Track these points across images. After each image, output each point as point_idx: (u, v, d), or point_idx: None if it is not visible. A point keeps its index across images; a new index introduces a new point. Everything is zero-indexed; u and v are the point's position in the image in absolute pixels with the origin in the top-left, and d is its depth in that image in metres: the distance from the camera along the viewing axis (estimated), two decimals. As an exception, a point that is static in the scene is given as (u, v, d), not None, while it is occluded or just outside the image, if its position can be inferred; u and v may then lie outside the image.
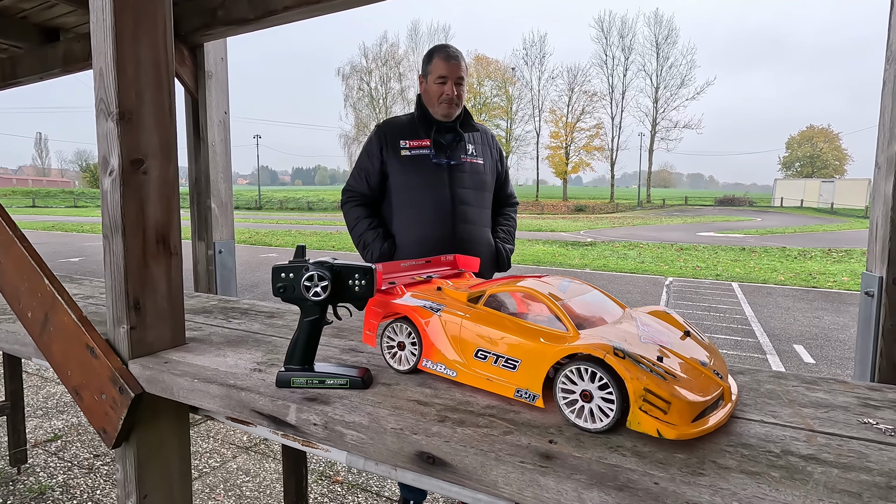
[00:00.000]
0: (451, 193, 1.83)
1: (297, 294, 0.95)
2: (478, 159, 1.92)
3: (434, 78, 1.82)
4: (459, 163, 1.86)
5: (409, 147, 1.85)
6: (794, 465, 0.69)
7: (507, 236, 2.03)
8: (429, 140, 1.84)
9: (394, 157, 1.85)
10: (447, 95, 1.81)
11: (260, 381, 1.01)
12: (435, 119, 1.86)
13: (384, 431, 0.81)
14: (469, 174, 1.87)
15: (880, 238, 1.94)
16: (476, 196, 1.89)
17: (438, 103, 1.83)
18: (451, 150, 1.86)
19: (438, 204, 1.82)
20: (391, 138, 1.87)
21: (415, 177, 1.83)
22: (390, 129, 1.90)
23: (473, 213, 1.88)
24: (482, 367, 0.92)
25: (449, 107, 1.83)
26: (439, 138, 1.86)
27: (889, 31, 1.81)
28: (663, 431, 0.72)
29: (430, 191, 1.83)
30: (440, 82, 1.81)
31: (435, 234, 1.81)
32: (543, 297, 0.92)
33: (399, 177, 1.85)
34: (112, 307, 1.14)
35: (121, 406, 1.10)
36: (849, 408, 0.88)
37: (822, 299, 7.35)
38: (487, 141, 2.00)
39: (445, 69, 1.80)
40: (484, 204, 1.93)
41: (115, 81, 1.06)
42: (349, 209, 1.93)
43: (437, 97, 1.83)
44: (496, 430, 0.80)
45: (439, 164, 1.83)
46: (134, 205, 1.12)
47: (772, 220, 27.00)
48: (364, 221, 1.88)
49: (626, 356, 0.75)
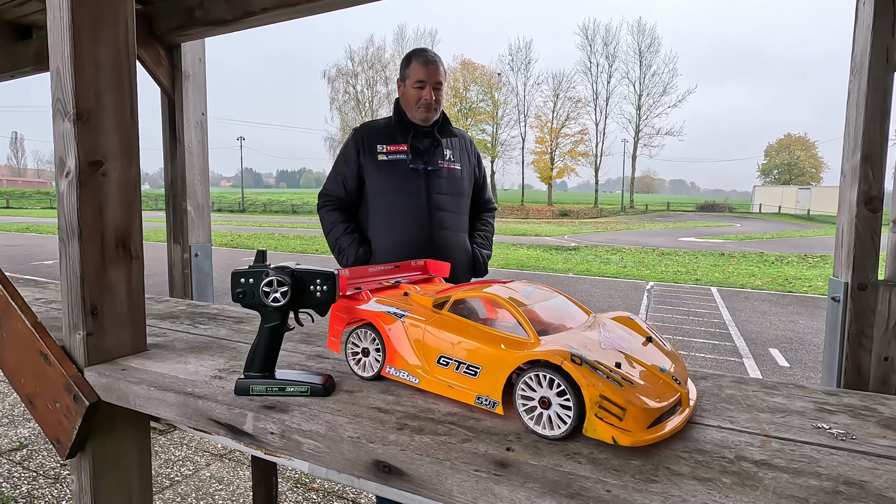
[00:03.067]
0: (428, 199, 1.82)
1: (257, 300, 0.94)
2: (455, 165, 1.91)
3: (412, 82, 1.81)
4: (437, 168, 1.85)
5: (386, 152, 1.83)
6: (746, 470, 0.70)
7: (484, 242, 2.03)
8: (406, 145, 1.83)
9: (371, 162, 1.83)
10: (425, 100, 1.79)
11: (219, 388, 0.99)
12: (413, 123, 1.85)
13: (341, 440, 0.80)
14: (446, 180, 1.87)
15: (846, 244, 1.99)
16: (453, 202, 1.88)
17: (416, 108, 1.82)
18: (429, 155, 1.85)
19: (415, 209, 1.81)
20: (368, 143, 1.85)
21: (391, 182, 1.82)
22: (368, 133, 1.88)
23: (450, 219, 1.87)
24: (444, 373, 0.92)
25: (427, 111, 1.82)
26: (417, 143, 1.85)
27: (853, 43, 1.86)
28: (618, 438, 0.72)
29: (407, 196, 1.81)
30: (418, 87, 1.80)
31: (411, 239, 1.80)
32: (505, 303, 0.92)
33: (376, 181, 1.84)
34: (68, 313, 1.11)
35: (75, 415, 1.06)
36: (805, 413, 0.90)
37: (798, 304, 7.50)
38: (466, 146, 1.99)
39: (423, 73, 1.79)
40: (461, 210, 1.93)
41: (73, 81, 1.04)
42: (325, 213, 1.91)
43: (414, 101, 1.81)
44: (455, 437, 0.79)
45: (416, 170, 1.82)
46: (91, 208, 1.09)
47: (751, 226, 27.56)
48: (340, 226, 1.86)
49: (583, 362, 0.75)
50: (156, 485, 2.55)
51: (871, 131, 1.85)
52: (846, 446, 0.77)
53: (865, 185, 1.85)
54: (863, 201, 1.87)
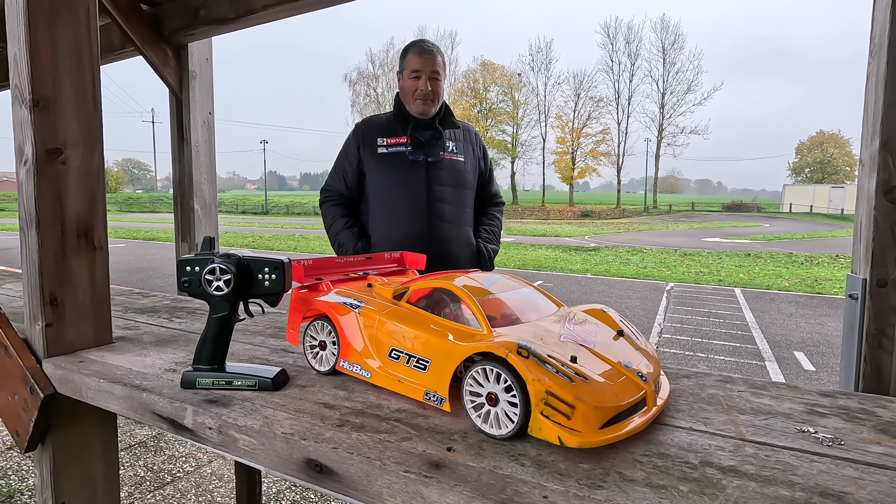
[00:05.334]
0: (428, 190, 1.77)
1: (202, 289, 0.90)
2: (458, 156, 1.85)
3: (408, 73, 1.77)
4: (438, 160, 1.79)
5: (386, 145, 1.79)
6: (708, 477, 0.62)
7: (489, 236, 1.95)
8: (406, 137, 1.78)
9: (370, 156, 1.80)
10: (421, 91, 1.75)
11: (168, 381, 0.95)
12: (413, 116, 1.80)
13: (275, 436, 0.75)
14: (448, 171, 1.81)
15: (864, 238, 1.85)
16: (455, 194, 1.82)
17: (413, 99, 1.77)
18: (430, 147, 1.80)
19: (414, 201, 1.76)
20: (369, 137, 1.82)
21: (391, 174, 1.78)
22: (368, 127, 1.85)
23: (451, 212, 1.81)
24: (395, 367, 0.86)
25: (424, 103, 1.77)
26: (417, 135, 1.80)
27: (872, 23, 1.73)
28: (565, 439, 0.65)
29: (406, 188, 1.77)
30: (414, 77, 1.76)
31: (410, 232, 1.75)
32: (460, 292, 0.85)
33: (375, 175, 1.80)
34: (28, 303, 1.09)
35: (31, 407, 1.04)
36: (791, 415, 0.81)
37: (827, 305, 7.18)
38: (470, 138, 1.93)
39: (419, 63, 1.74)
40: (464, 202, 1.86)
41: (28, 66, 1.02)
42: (326, 209, 1.88)
43: (411, 93, 1.77)
44: (395, 435, 0.73)
45: (416, 161, 1.77)
46: (50, 196, 1.07)
47: (780, 226, 26.66)
48: (340, 221, 1.83)
49: (529, 355, 0.68)
50: (157, 480, 2.56)
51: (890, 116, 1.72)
52: (831, 452, 0.68)
53: (885, 174, 1.71)
54: (882, 191, 1.73)
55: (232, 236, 18.48)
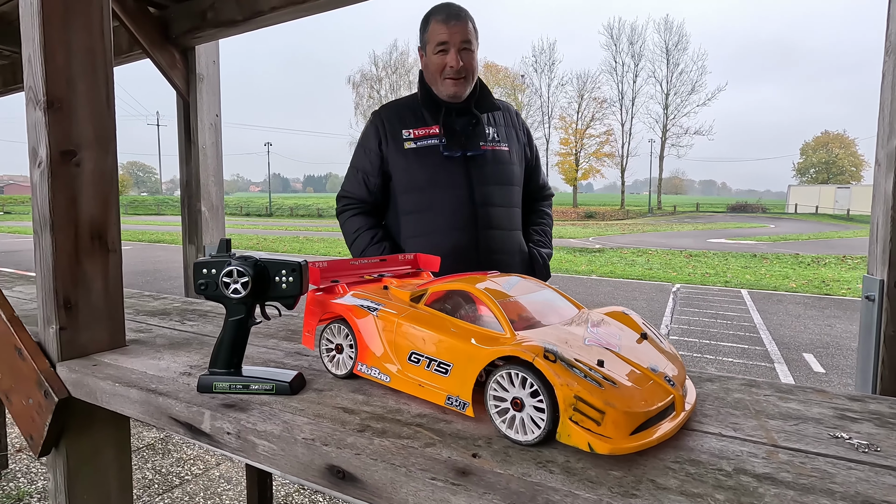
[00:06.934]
0: (471, 193, 1.46)
1: (219, 292, 0.88)
2: (502, 145, 1.52)
3: (433, 47, 1.44)
4: (479, 153, 1.47)
5: (413, 137, 1.48)
6: (744, 485, 0.60)
7: (542, 238, 1.64)
8: (437, 126, 1.47)
9: (396, 152, 1.49)
10: (451, 68, 1.42)
11: (184, 385, 0.94)
12: (443, 100, 1.49)
13: (295, 442, 0.73)
14: (492, 166, 1.49)
15: (881, 239, 1.83)
16: (502, 193, 1.51)
17: (442, 80, 1.45)
18: (468, 137, 1.48)
19: (455, 207, 1.46)
20: (391, 127, 1.51)
21: (422, 175, 1.47)
22: (390, 115, 1.53)
23: (500, 216, 1.50)
24: (415, 371, 0.84)
25: (455, 84, 1.44)
26: (451, 123, 1.49)
27: (888, 21, 1.71)
28: (595, 445, 0.63)
29: (443, 191, 1.46)
30: (441, 51, 1.43)
31: (453, 245, 1.44)
32: (481, 294, 0.84)
33: (403, 176, 1.49)
34: (42, 306, 1.08)
35: (46, 411, 1.03)
36: (822, 420, 0.79)
37: (835, 307, 7.13)
38: (511, 120, 1.60)
39: (445, 33, 1.41)
40: (512, 202, 1.55)
41: (43, 68, 1.01)
42: (346, 220, 1.57)
43: (438, 71, 1.45)
44: (418, 441, 0.72)
45: (452, 157, 1.46)
46: (64, 198, 1.06)
47: (785, 227, 26.52)
48: (365, 235, 1.53)
49: (557, 359, 0.67)
50: (165, 483, 2.55)
51: (907, 115, 1.69)
52: (868, 459, 0.66)
53: (902, 174, 1.69)
54: (899, 191, 1.71)
55: (236, 238, 18.52)
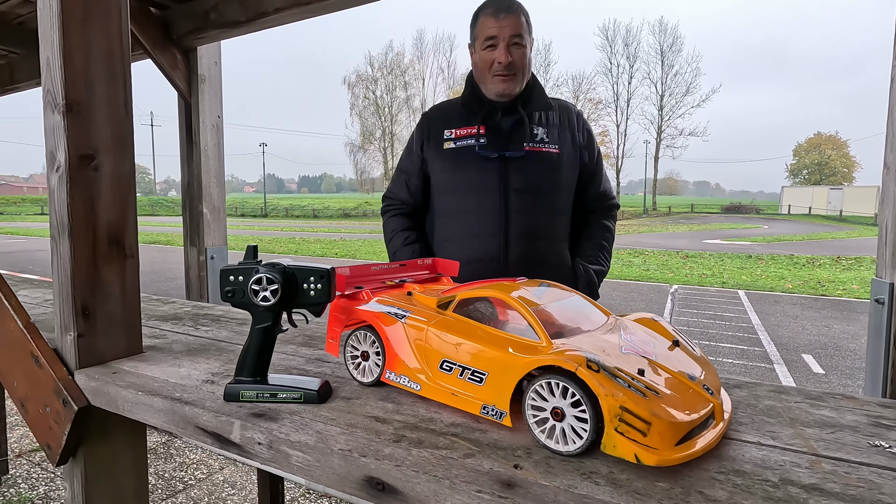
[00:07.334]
0: (504, 198, 1.38)
1: (247, 299, 0.87)
2: (550, 147, 1.42)
3: (481, 43, 1.37)
4: (521, 154, 1.38)
5: (454, 137, 1.43)
6: (794, 497, 0.60)
7: (594, 253, 1.49)
8: (479, 126, 1.41)
9: (435, 153, 1.45)
10: (499, 63, 1.34)
11: (209, 394, 0.93)
12: (489, 99, 1.43)
13: (331, 453, 0.72)
14: (534, 168, 1.40)
15: (890, 242, 1.84)
16: (545, 199, 1.41)
17: (491, 77, 1.38)
18: (511, 137, 1.41)
19: (486, 212, 1.39)
20: (435, 129, 1.46)
21: (457, 176, 1.42)
22: (436, 116, 1.48)
23: (539, 224, 1.41)
24: (447, 379, 0.83)
25: (504, 81, 1.36)
26: (496, 123, 1.42)
27: (897, 25, 1.72)
28: (642, 457, 0.63)
29: (476, 194, 1.39)
30: (489, 46, 1.35)
31: (482, 251, 1.39)
32: (514, 302, 0.83)
33: (439, 177, 1.46)
34: (59, 313, 1.06)
35: (64, 420, 1.01)
36: (858, 428, 0.79)
37: (832, 307, 7.18)
38: (569, 121, 1.48)
39: (494, 27, 1.33)
40: (557, 209, 1.45)
41: (62, 71, 0.99)
42: (386, 220, 1.56)
43: (487, 68, 1.37)
44: (457, 452, 0.71)
45: (487, 158, 1.39)
46: (83, 203, 1.04)
47: (779, 228, 26.72)
48: (399, 236, 1.51)
49: (600, 369, 0.66)
50: (169, 488, 2.52)
51: (918, 118, 1.70)
52: (912, 469, 0.66)
53: (912, 177, 1.71)
54: (909, 195, 1.72)
55: (232, 239, 18.42)
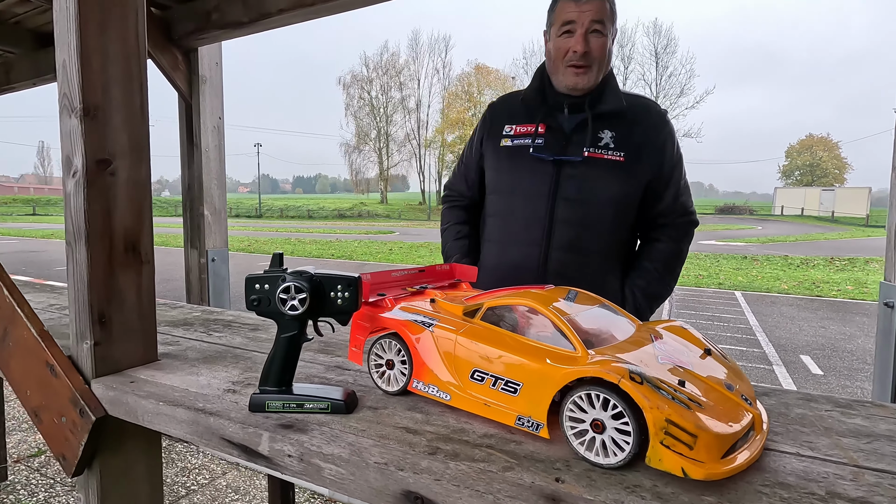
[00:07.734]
0: (551, 205, 1.27)
1: (273, 308, 0.86)
2: (615, 154, 1.27)
3: (557, 29, 1.25)
4: (578, 159, 1.25)
5: (513, 134, 1.33)
6: (843, 511, 0.59)
7: (648, 276, 1.33)
8: (538, 124, 1.29)
9: (492, 149, 1.36)
10: (574, 52, 1.22)
11: (232, 404, 0.91)
12: (558, 92, 1.30)
13: (366, 466, 0.71)
14: (591, 176, 1.27)
15: (900, 246, 1.84)
16: (599, 211, 1.28)
17: (564, 67, 1.25)
18: (571, 139, 1.28)
19: (530, 219, 1.29)
20: (497, 122, 1.36)
21: (506, 177, 1.34)
22: (500, 109, 1.39)
23: (588, 237, 1.28)
24: (479, 390, 0.82)
25: (577, 73, 1.24)
26: (558, 121, 1.30)
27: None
28: (689, 470, 0.62)
29: (523, 199, 1.30)
30: (565, 32, 1.23)
31: (518, 259, 1.30)
32: (547, 312, 0.82)
33: (493, 176, 1.38)
34: (75, 321, 1.04)
35: (81, 430, 0.99)
36: (894, 437, 0.78)
37: (827, 308, 7.24)
38: (648, 124, 1.31)
39: (574, 11, 1.21)
40: (609, 222, 1.30)
41: (79, 74, 0.97)
42: (444, 211, 1.52)
43: (561, 57, 1.25)
44: (495, 464, 0.70)
45: (541, 160, 1.27)
46: (100, 209, 1.02)
47: (773, 229, 26.93)
48: (452, 229, 1.46)
49: (643, 381, 0.65)
50: (172, 494, 2.49)
51: (928, 123, 1.71)
52: (956, 480, 0.66)
53: (922, 182, 1.72)
54: (919, 199, 1.73)
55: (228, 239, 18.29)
